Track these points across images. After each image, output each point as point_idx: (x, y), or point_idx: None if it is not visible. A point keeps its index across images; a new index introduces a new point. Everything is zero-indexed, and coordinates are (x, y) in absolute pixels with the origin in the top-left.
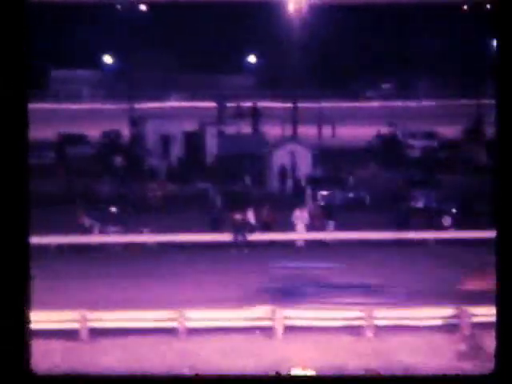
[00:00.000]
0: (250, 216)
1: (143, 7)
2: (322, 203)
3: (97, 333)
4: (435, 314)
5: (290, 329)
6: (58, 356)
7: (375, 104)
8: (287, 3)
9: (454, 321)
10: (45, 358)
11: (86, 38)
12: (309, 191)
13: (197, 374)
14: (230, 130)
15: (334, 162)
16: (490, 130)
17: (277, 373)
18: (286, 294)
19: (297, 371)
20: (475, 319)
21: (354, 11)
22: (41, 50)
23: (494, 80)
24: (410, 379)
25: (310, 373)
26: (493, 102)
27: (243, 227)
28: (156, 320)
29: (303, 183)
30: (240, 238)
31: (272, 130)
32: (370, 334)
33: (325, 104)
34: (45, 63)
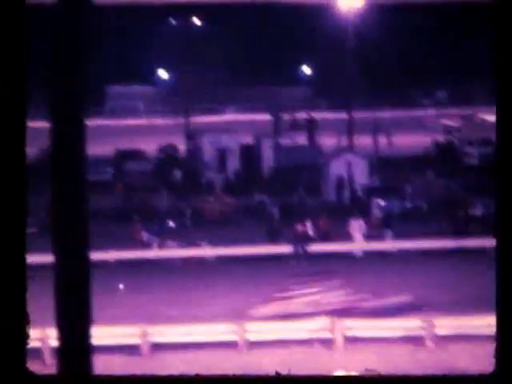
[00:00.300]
0: (309, 227)
1: (198, 21)
2: (380, 213)
3: (158, 347)
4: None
5: (349, 340)
6: (120, 371)
7: (431, 112)
8: (341, 12)
9: None
10: (106, 372)
11: (141, 53)
12: (373, 201)
13: (197, 374)
14: (286, 141)
15: (390, 171)
16: None
17: (277, 373)
18: None
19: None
20: None
21: (408, 17)
22: (96, 65)
23: (495, 81)
24: (410, 379)
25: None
26: None
27: (303, 239)
28: (216, 333)
29: (360, 193)
30: (300, 249)
31: (328, 141)
32: (430, 343)
33: (380, 113)
34: (101, 79)
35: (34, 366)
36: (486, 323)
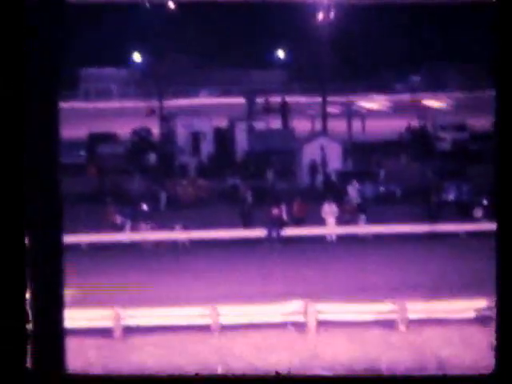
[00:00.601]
0: (283, 211)
1: (171, 4)
2: (353, 197)
3: (130, 330)
4: (468, 307)
5: (322, 323)
6: (92, 354)
7: (405, 97)
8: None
9: (487, 313)
10: (79, 356)
11: (114, 35)
12: (347, 185)
13: (197, 374)
14: (260, 125)
15: (364, 155)
16: None
17: (277, 373)
18: None
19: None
20: None
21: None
22: (69, 49)
23: (494, 78)
24: (410, 379)
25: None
26: None
27: (278, 222)
28: (189, 316)
29: (333, 177)
30: (274, 233)
31: (302, 125)
32: (402, 327)
33: (354, 97)
34: (73, 62)
35: None
36: (457, 307)
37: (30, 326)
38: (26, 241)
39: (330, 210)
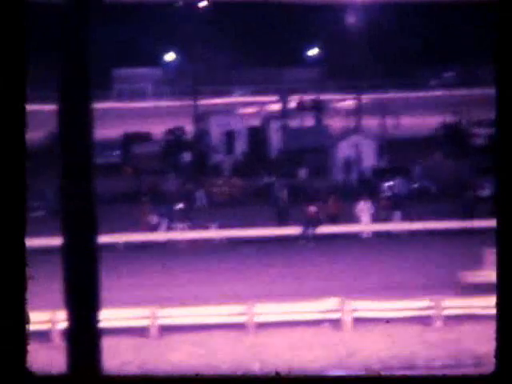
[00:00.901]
0: (318, 209)
1: (205, 3)
2: (388, 194)
3: (167, 329)
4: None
5: (358, 320)
6: (129, 353)
7: (439, 93)
8: None
9: None
10: (115, 355)
11: (148, 35)
12: (381, 182)
13: (197, 374)
14: (294, 123)
15: (398, 152)
16: None
17: (277, 373)
18: None
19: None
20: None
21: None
22: (103, 49)
23: (495, 79)
24: (410, 379)
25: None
26: None
27: (314, 220)
28: (225, 315)
29: (368, 175)
30: (310, 230)
31: (336, 123)
32: (438, 323)
33: (388, 94)
34: (107, 62)
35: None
36: (492, 303)
37: (29, 326)
38: (60, 242)
39: (365, 208)
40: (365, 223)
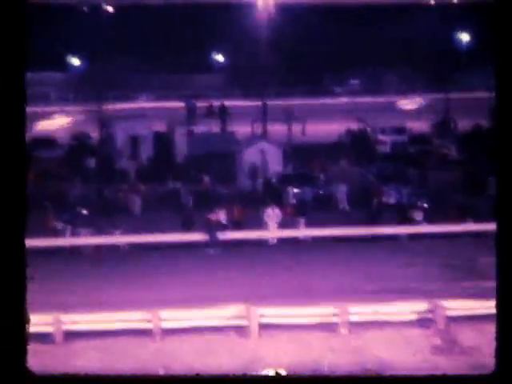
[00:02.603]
0: (222, 215)
1: (110, 8)
2: (293, 201)
3: (71, 335)
4: (409, 309)
5: (264, 327)
6: (34, 359)
7: (344, 100)
8: (255, 1)
9: (428, 315)
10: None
11: (52, 39)
12: (287, 189)
13: (197, 374)
14: (200, 129)
15: (304, 159)
16: (457, 124)
17: (277, 373)
18: None
19: (270, 370)
20: (449, 313)
21: (320, 5)
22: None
23: (494, 77)
24: (410, 379)
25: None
26: (458, 95)
27: (217, 227)
28: (130, 321)
29: (274, 181)
30: (213, 237)
31: (242, 129)
32: (344, 330)
33: (293, 101)
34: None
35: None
36: (396, 310)
37: (29, 326)
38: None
39: (272, 214)
40: (271, 230)
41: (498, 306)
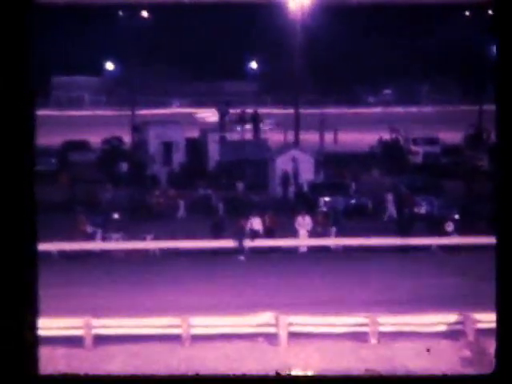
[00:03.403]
0: (254, 222)
1: (145, 13)
2: (325, 209)
3: (101, 339)
4: (439, 320)
5: (294, 335)
6: (63, 363)
7: (377, 110)
8: (289, 9)
9: (458, 327)
10: (49, 364)
11: (87, 44)
12: (319, 197)
13: (197, 374)
14: (232, 136)
15: (336, 168)
16: (491, 136)
17: (277, 373)
18: None
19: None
20: (479, 325)
21: (354, 15)
22: (41, 56)
23: (495, 81)
24: (410, 379)
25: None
26: (493, 107)
27: (249, 234)
28: (160, 327)
29: (305, 189)
30: (244, 244)
31: (274, 136)
32: (374, 340)
33: (327, 110)
34: (46, 70)
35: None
36: (427, 321)
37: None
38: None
39: (302, 222)
40: (302, 238)
41: (498, 306)
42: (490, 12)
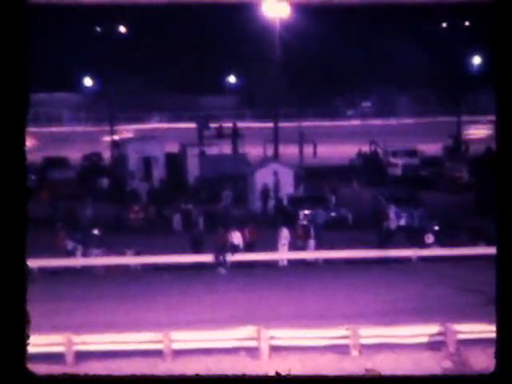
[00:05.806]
0: (234, 236)
1: (123, 29)
2: (305, 222)
3: (83, 356)
4: (420, 332)
5: (275, 348)
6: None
7: (356, 122)
8: (267, 22)
9: (440, 338)
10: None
11: (64, 60)
12: (299, 211)
13: (197, 374)
14: (212, 150)
15: (316, 181)
16: (469, 147)
17: (277, 373)
18: None
19: None
20: (460, 336)
21: (332, 29)
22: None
23: (495, 81)
24: (410, 379)
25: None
26: (471, 118)
27: (229, 248)
28: (142, 342)
29: (285, 203)
30: (224, 258)
31: (253, 150)
32: (355, 351)
33: (306, 123)
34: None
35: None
36: (409, 333)
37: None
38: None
39: (282, 235)
40: (281, 251)
41: (497, 306)
42: (467, 23)
